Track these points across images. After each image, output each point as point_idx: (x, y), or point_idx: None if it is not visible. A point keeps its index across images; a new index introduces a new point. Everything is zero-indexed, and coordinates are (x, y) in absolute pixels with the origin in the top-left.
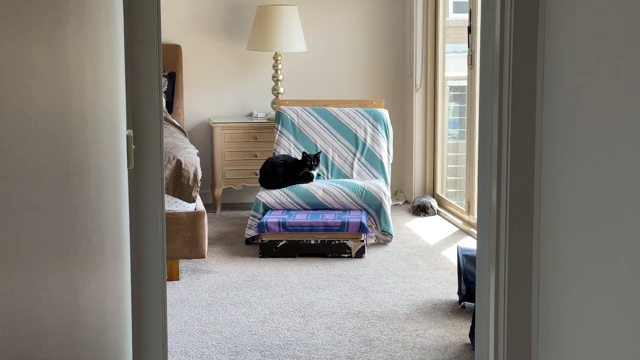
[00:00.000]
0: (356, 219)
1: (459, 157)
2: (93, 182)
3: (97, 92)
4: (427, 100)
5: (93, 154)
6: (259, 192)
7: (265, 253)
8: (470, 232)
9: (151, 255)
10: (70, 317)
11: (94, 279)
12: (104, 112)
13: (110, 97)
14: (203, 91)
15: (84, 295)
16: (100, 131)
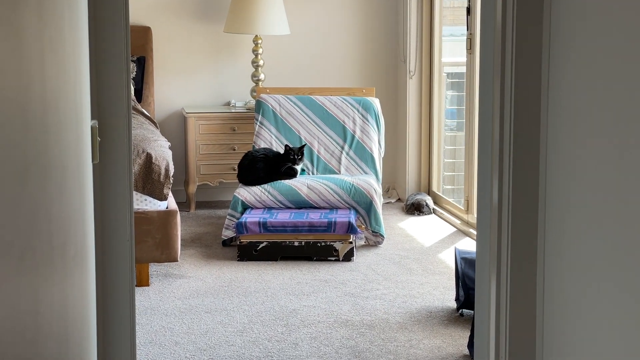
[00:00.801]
0: (344, 219)
1: (457, 150)
2: (54, 178)
3: (59, 79)
4: (422, 88)
5: (55, 147)
6: (237, 189)
7: (244, 256)
8: (469, 232)
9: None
10: (29, 327)
11: (55, 285)
12: (66, 101)
13: (73, 84)
14: (175, 78)
15: (44, 302)
16: (63, 122)
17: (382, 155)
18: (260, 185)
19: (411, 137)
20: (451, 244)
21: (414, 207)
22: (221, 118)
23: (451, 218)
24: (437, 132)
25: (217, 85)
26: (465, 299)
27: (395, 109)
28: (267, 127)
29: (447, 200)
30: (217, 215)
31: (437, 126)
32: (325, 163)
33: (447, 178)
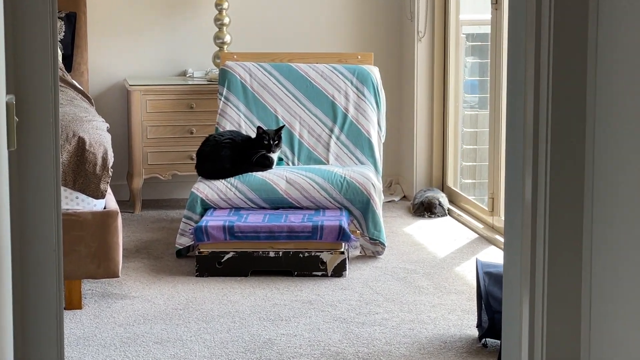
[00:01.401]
0: (334, 222)
1: (480, 134)
2: None
3: None
4: (435, 55)
5: None
6: (196, 184)
7: (205, 270)
8: (494, 240)
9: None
10: None
11: None
12: None
13: None
14: (116, 40)
15: None
16: None
17: (383, 141)
18: (225, 179)
19: (420, 117)
20: (472, 254)
21: (424, 208)
22: (175, 92)
23: (471, 221)
24: (453, 110)
25: (169, 50)
26: (490, 325)
27: (399, 81)
28: (234, 104)
29: (466, 199)
30: (170, 218)
31: (453, 103)
32: (310, 150)
33: (466, 170)
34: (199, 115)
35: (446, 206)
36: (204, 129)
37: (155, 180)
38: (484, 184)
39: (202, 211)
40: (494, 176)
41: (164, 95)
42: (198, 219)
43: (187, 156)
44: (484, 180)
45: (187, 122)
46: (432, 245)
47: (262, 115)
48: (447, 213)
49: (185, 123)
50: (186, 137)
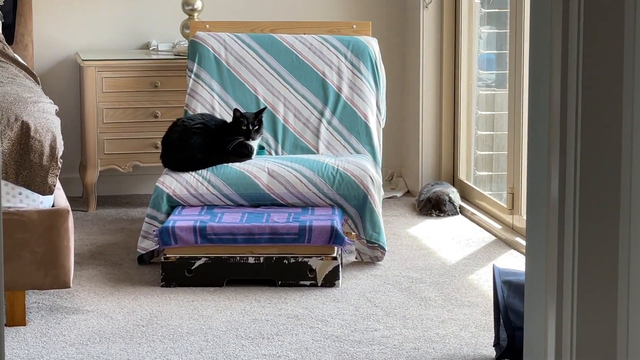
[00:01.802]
0: (324, 222)
1: (497, 118)
2: None
3: None
4: (444, 24)
5: None
6: (161, 177)
7: (172, 280)
8: (515, 243)
9: None
10: None
11: None
12: None
13: None
14: (66, 7)
15: None
16: None
17: (383, 126)
18: (196, 171)
19: (427, 98)
20: (488, 260)
21: (431, 205)
22: (136, 68)
23: (488, 221)
24: (465, 89)
25: (129, 19)
26: (509, 343)
27: (402, 55)
28: (206, 83)
29: (481, 194)
30: (131, 217)
31: (465, 81)
32: (296, 137)
33: (481, 160)
34: (164, 96)
35: (457, 203)
36: (171, 112)
37: (113, 173)
38: (502, 176)
39: (169, 209)
40: (515, 168)
41: (123, 72)
42: (164, 218)
43: (150, 144)
44: (502, 173)
45: (151, 104)
46: (441, 249)
47: (240, 96)
48: (459, 211)
49: (149, 105)
50: (150, 121)
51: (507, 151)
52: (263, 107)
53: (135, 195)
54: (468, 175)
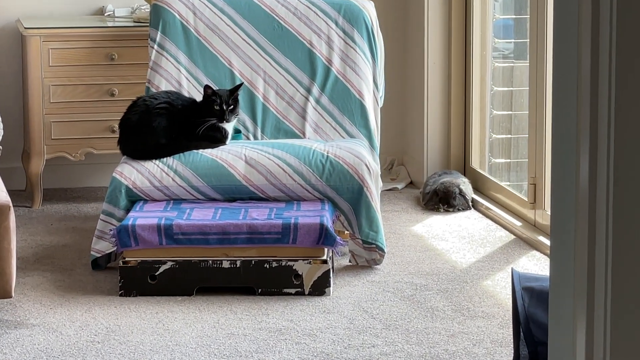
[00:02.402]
0: (312, 219)
1: (516, 95)
2: None
3: None
4: None
5: None
6: (119, 167)
7: (132, 288)
8: (537, 242)
9: None
10: None
11: None
12: None
13: None
14: None
15: None
16: None
17: (381, 105)
18: (160, 160)
19: (433, 72)
20: (506, 263)
21: (439, 198)
22: (89, 38)
23: (505, 216)
24: (478, 62)
25: None
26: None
27: (404, 21)
28: (172, 54)
29: (497, 185)
30: (83, 214)
31: (478, 51)
32: (278, 119)
33: (497, 145)
34: (122, 70)
35: (469, 196)
36: (130, 90)
37: (62, 162)
38: (522, 164)
39: (128, 205)
40: (537, 154)
41: (74, 43)
42: (122, 215)
43: (106, 128)
44: (523, 160)
45: (107, 80)
46: (450, 250)
47: (212, 70)
48: (471, 205)
49: (104, 81)
50: (105, 100)
51: (528, 134)
52: (239, 83)
53: (89, 188)
54: (482, 163)
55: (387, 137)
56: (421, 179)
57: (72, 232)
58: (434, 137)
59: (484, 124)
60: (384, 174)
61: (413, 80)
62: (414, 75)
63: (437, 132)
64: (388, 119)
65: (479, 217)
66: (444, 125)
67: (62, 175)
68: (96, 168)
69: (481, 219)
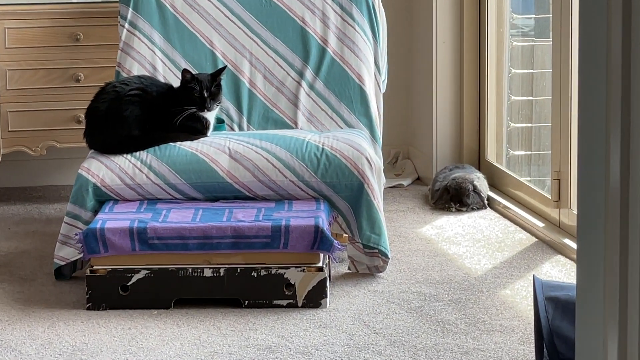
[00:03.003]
0: (305, 220)
1: (537, 79)
2: None
3: None
4: None
5: None
6: (86, 162)
7: (102, 300)
8: (561, 246)
9: None
10: None
11: None
12: None
13: None
14: None
15: None
16: None
17: (384, 91)
18: (132, 154)
19: (442, 53)
20: (526, 270)
21: (450, 196)
22: (51, 16)
23: (526, 216)
24: (494, 41)
25: None
26: None
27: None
28: (145, 34)
29: (516, 181)
30: (45, 217)
31: (494, 29)
32: (267, 107)
33: (516, 135)
34: (88, 53)
35: (485, 193)
36: (98, 75)
37: (20, 157)
38: (544, 157)
39: (96, 205)
40: (562, 145)
41: (33, 21)
42: (89, 217)
43: (70, 118)
44: (545, 152)
45: (71, 64)
46: (464, 255)
47: (191, 52)
48: (487, 204)
49: (68, 65)
50: (69, 87)
51: (551, 122)
52: (222, 67)
53: (51, 186)
54: (498, 156)
55: (391, 126)
56: (430, 174)
57: (32, 237)
58: (444, 127)
59: (500, 112)
60: (388, 169)
61: (420, 62)
62: (421, 56)
63: (448, 120)
64: (392, 106)
65: (496, 217)
66: (456, 113)
67: (21, 173)
68: (59, 164)
69: (498, 220)
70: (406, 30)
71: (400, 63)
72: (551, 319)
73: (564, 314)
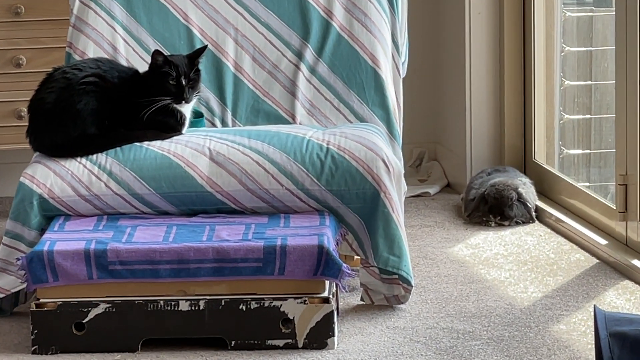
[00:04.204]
0: (307, 239)
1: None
2: None
3: None
4: None
5: None
6: (29, 167)
7: (51, 341)
8: (629, 268)
9: None
10: None
11: None
12: None
13: None
14: None
15: None
16: None
17: (404, 75)
18: (87, 157)
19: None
20: (586, 299)
21: (489, 207)
22: None
23: (584, 232)
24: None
25: None
26: None
27: None
28: (102, 5)
29: (572, 187)
30: None
31: None
32: (257, 96)
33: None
34: (32, 30)
35: (532, 203)
36: (43, 57)
37: None
38: (607, 157)
39: (43, 222)
40: (629, 142)
41: None
42: (34, 238)
43: (9, 112)
44: (608, 150)
45: (10, 44)
46: (506, 281)
47: (161, 29)
48: (535, 216)
49: (6, 46)
50: (8, 73)
51: (615, 113)
52: (202, 46)
53: None
54: (549, 156)
55: (413, 120)
56: (463, 179)
57: None
58: (480, 120)
59: (551, 100)
60: (410, 174)
61: (450, 39)
62: (451, 31)
63: (485, 112)
64: (414, 95)
65: (547, 232)
66: (495, 103)
67: None
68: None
69: (549, 236)
70: (432, 3)
71: (425, 40)
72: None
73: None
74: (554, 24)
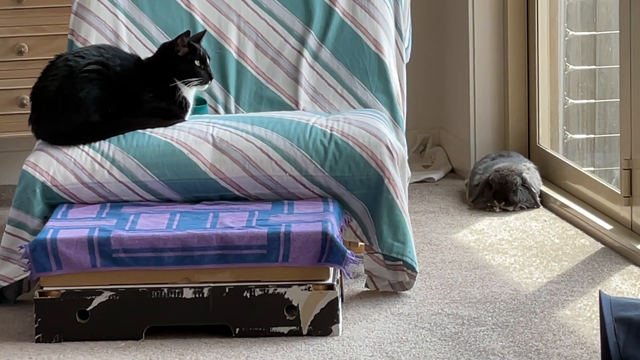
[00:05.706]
0: (310, 226)
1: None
2: None
3: None
4: None
5: None
6: (32, 155)
7: (54, 330)
8: (634, 253)
9: None
10: None
11: None
12: None
13: None
14: None
15: None
16: None
17: (407, 61)
18: (90, 144)
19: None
20: (591, 284)
21: (493, 192)
22: None
23: (589, 217)
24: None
25: None
26: None
27: None
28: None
29: (577, 172)
30: None
31: None
32: (260, 83)
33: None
34: (34, 18)
35: (537, 188)
36: (46, 45)
37: None
38: (611, 141)
39: (46, 210)
40: (633, 126)
41: None
42: (37, 226)
43: (12, 100)
44: (613, 135)
45: (12, 32)
46: (511, 267)
47: (163, 15)
48: (539, 202)
49: (8, 33)
50: (10, 61)
51: (620, 98)
52: (201, 31)
53: None
54: (553, 141)
55: (417, 106)
56: (467, 165)
57: None
58: (485, 105)
59: (555, 85)
60: (414, 159)
61: (453, 25)
62: (454, 17)
63: (489, 97)
64: (418, 80)
65: (551, 218)
66: (499, 88)
67: None
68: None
69: (554, 221)
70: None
71: (428, 25)
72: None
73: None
74: (558, 8)
